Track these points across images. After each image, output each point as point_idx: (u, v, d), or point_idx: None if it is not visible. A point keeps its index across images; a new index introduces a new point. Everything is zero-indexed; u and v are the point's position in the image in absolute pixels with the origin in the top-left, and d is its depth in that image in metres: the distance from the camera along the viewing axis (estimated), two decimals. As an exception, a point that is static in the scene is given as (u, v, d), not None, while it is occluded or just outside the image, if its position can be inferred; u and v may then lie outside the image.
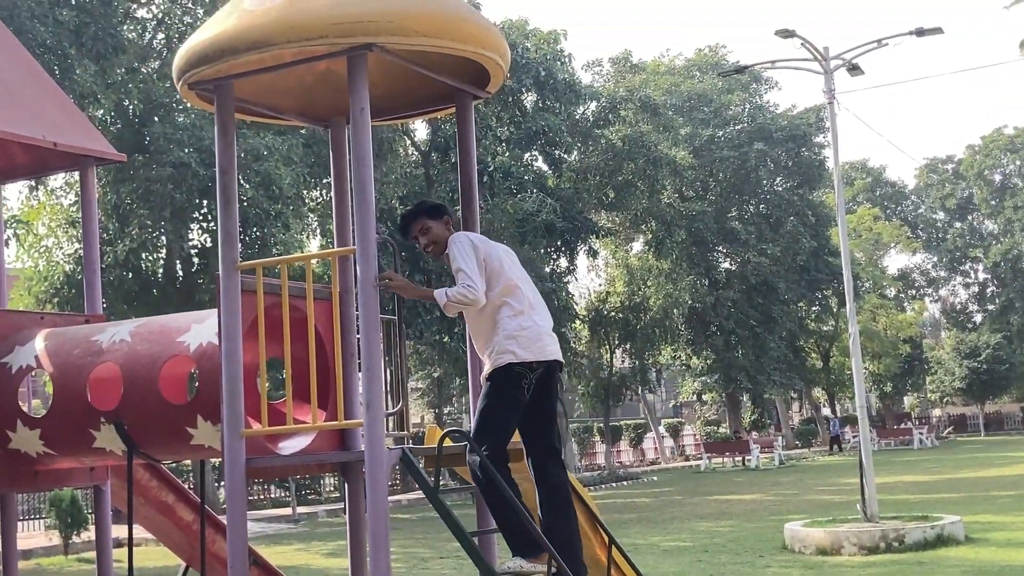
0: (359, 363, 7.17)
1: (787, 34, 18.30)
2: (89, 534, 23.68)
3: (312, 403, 6.48)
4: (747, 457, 45.18)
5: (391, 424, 7.61)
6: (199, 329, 6.85)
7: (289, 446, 6.99)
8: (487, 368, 6.46)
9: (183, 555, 9.28)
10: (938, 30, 18.46)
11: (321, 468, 6.57)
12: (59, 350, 7.21)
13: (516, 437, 7.50)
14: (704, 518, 23.84)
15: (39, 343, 7.30)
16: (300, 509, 31.41)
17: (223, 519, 9.29)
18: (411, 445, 6.87)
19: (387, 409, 6.52)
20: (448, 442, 6.68)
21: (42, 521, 25.90)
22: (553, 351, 6.50)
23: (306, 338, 6.68)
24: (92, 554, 22.86)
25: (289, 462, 6.64)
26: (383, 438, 6.11)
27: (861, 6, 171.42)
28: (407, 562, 18.78)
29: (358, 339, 7.08)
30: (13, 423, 7.21)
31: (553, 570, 6.14)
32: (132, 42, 27.85)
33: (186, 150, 26.40)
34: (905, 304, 75.86)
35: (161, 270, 30.42)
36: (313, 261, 7.81)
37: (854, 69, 18.77)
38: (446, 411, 50.59)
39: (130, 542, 7.29)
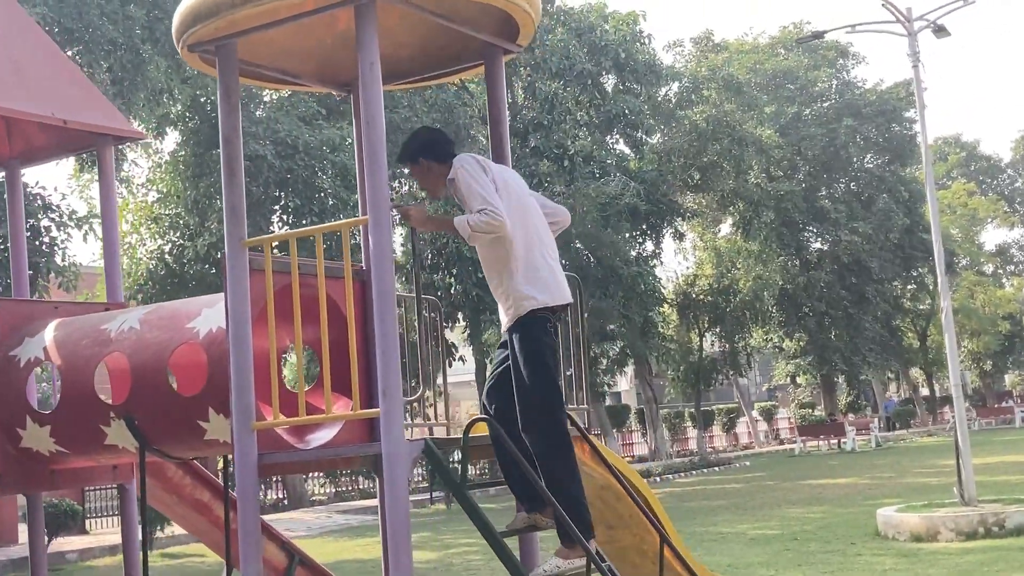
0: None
1: (868, -6, 17.31)
2: (172, 528, 23.47)
3: (326, 391, 5.83)
4: (842, 440, 43.86)
5: (421, 413, 6.96)
6: (209, 313, 6.24)
7: (318, 438, 6.37)
8: (508, 317, 5.83)
9: (223, 554, 8.72)
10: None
11: (347, 463, 5.89)
12: (67, 341, 6.66)
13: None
14: (795, 504, 22.87)
15: (48, 334, 6.76)
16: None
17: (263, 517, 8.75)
18: (439, 436, 6.21)
19: (408, 396, 5.84)
20: (482, 430, 6.02)
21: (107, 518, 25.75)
22: (568, 293, 6.02)
23: (337, 323, 6.06)
24: (174, 549, 22.77)
25: (306, 457, 5.99)
26: (401, 428, 5.43)
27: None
28: (485, 554, 18.15)
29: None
30: (23, 420, 6.69)
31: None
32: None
33: (261, 142, 26.02)
34: (1004, 280, 73.48)
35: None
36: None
37: (940, 31, 17.69)
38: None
39: (144, 542, 6.71)
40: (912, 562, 13.92)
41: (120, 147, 25.96)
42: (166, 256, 28.82)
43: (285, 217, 29.03)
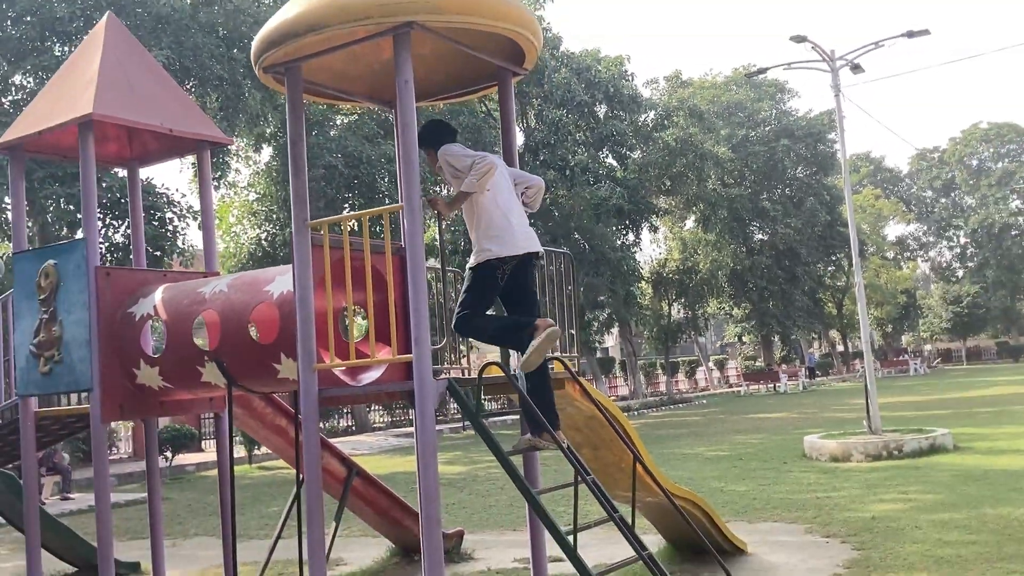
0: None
1: (799, 39, 16.90)
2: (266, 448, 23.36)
3: (371, 341, 5.58)
4: (777, 384, 43.48)
5: (449, 359, 6.73)
6: (281, 279, 6.01)
7: (368, 377, 6.14)
8: (472, 260, 5.62)
9: (282, 454, 8.52)
10: (925, 32, 16.88)
11: (390, 396, 5.66)
12: (171, 300, 6.44)
13: (559, 368, 6.58)
14: (740, 432, 22.60)
15: (158, 295, 6.54)
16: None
17: (332, 442, 8.53)
18: (466, 377, 5.97)
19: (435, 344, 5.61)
20: (495, 372, 5.79)
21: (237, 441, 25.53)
22: (526, 245, 5.60)
23: (382, 288, 5.82)
24: (270, 463, 22.62)
25: (356, 391, 5.75)
26: (429, 369, 5.20)
27: (865, 11, 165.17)
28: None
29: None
30: (137, 362, 6.48)
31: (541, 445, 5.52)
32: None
33: (334, 155, 25.77)
34: (902, 264, 72.93)
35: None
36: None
37: (856, 68, 17.27)
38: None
39: (231, 456, 6.49)
40: (830, 477, 13.66)
41: (226, 159, 25.74)
42: (262, 242, 28.65)
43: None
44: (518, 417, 5.99)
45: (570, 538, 5.08)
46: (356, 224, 7.83)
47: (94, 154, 6.57)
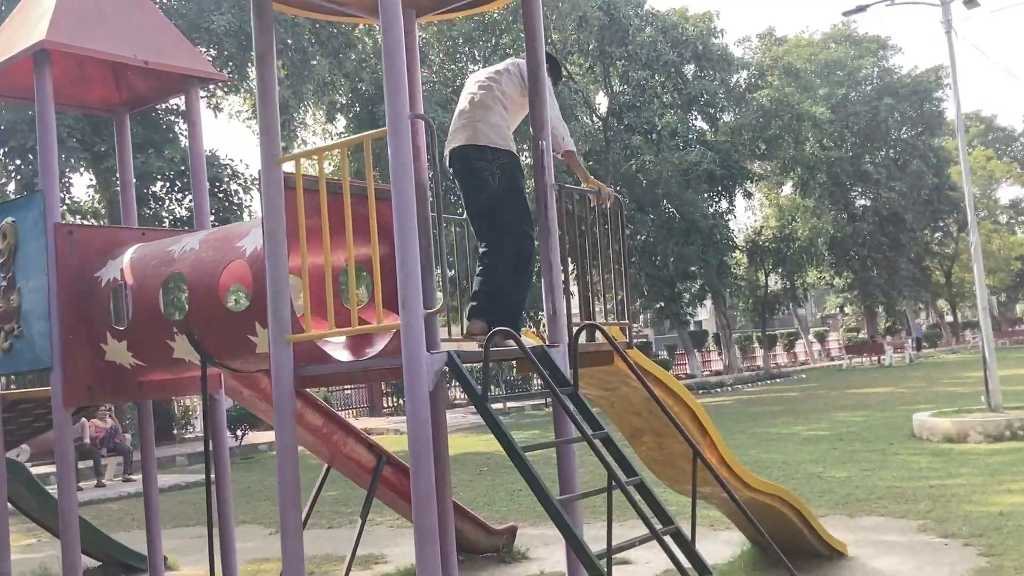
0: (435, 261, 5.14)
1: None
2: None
3: (377, 306, 4.44)
4: (882, 357, 41.15)
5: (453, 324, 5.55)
6: (257, 232, 4.88)
7: (375, 351, 5.00)
8: None
9: (322, 457, 7.48)
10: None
11: (384, 374, 4.49)
12: (140, 262, 5.39)
13: (604, 343, 5.34)
14: (842, 409, 20.91)
15: (127, 256, 5.51)
16: (512, 404, 29.75)
17: (353, 423, 7.46)
18: (470, 349, 4.78)
19: (431, 308, 4.41)
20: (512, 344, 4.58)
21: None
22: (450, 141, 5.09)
23: (384, 238, 4.68)
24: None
25: (339, 369, 4.60)
26: (421, 340, 4.02)
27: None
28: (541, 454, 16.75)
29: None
30: (104, 335, 5.47)
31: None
32: (359, 38, 26.31)
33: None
34: (1016, 228, 68.79)
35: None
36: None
37: (970, 1, 15.39)
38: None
39: (206, 450, 5.44)
40: (945, 461, 12.08)
41: (297, 130, 24.93)
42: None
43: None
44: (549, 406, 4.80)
45: (602, 562, 3.85)
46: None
47: (51, 91, 5.55)
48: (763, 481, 6.69)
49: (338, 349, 5.03)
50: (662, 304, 38.76)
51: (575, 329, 4.86)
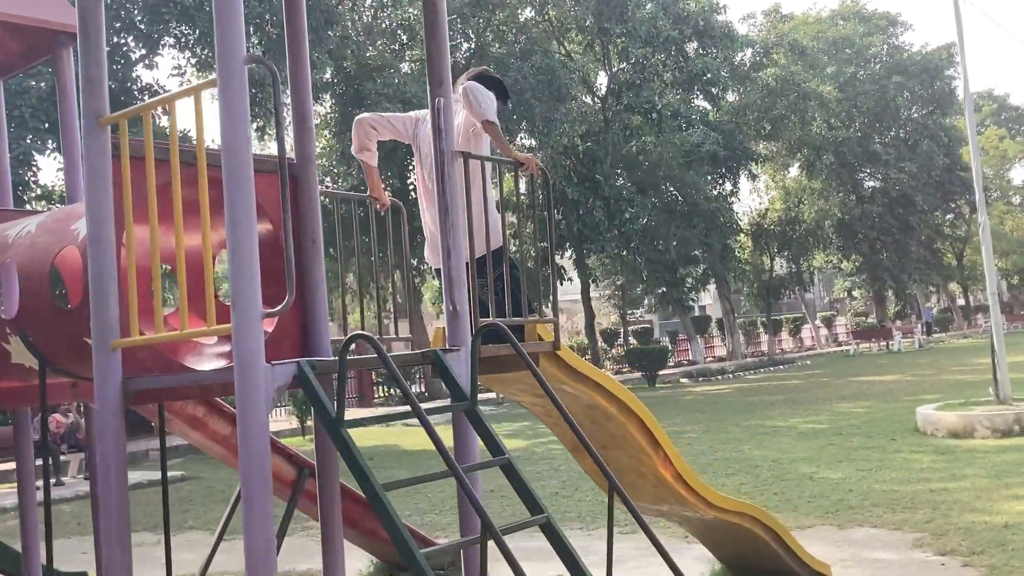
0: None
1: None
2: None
3: (206, 303, 3.57)
4: (890, 342, 40.17)
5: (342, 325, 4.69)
6: (95, 212, 4.02)
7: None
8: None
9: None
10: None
11: (226, 388, 3.63)
12: (-26, 249, 4.55)
13: (538, 341, 4.48)
14: (844, 399, 20.00)
15: (-38, 242, 4.66)
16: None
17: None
18: (316, 359, 3.92)
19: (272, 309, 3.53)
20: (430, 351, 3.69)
21: (285, 408, 24.22)
22: None
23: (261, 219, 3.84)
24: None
25: (174, 383, 3.73)
26: (257, 349, 3.17)
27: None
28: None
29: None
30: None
31: None
32: (341, 15, 25.35)
33: (394, 104, 23.85)
34: (1030, 209, 67.50)
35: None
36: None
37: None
38: (630, 312, 47.08)
39: (45, 465, 4.60)
40: (949, 460, 11.20)
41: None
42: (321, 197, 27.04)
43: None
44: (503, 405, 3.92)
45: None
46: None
47: None
48: (727, 498, 5.83)
49: (212, 358, 4.19)
50: (664, 289, 37.84)
51: (475, 330, 3.99)
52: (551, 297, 4.53)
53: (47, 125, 18.44)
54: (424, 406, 3.41)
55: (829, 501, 9.23)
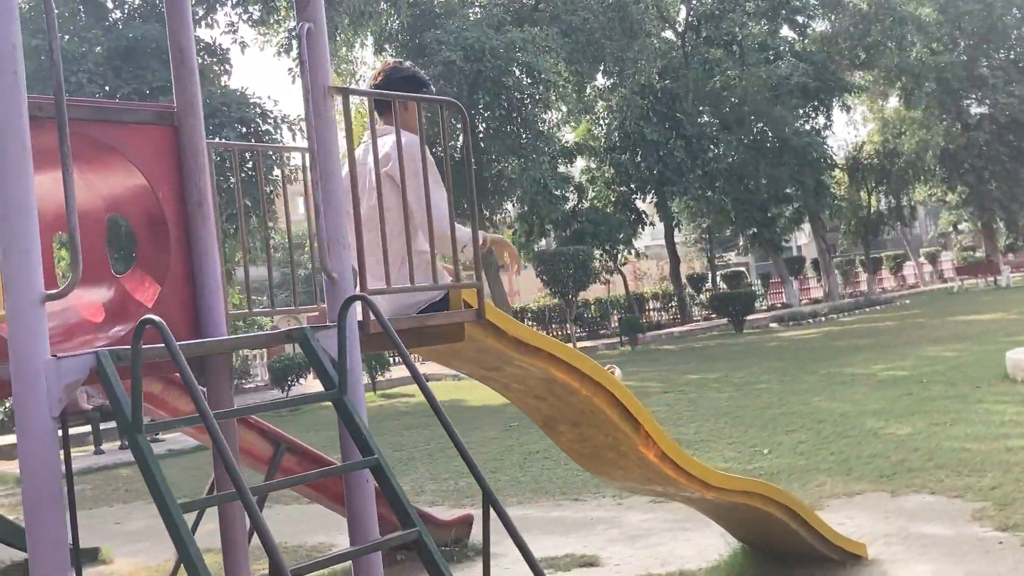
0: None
1: None
2: (391, 373, 21.68)
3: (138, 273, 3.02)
4: (997, 277, 37.93)
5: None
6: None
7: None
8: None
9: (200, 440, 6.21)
10: None
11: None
12: None
13: (457, 314, 3.83)
14: (936, 342, 18.69)
15: None
16: (584, 344, 28.28)
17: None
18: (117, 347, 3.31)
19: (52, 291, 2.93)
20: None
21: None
22: None
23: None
24: (394, 390, 20.89)
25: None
26: (37, 338, 2.60)
27: None
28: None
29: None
30: None
31: None
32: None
33: (453, 50, 23.12)
34: None
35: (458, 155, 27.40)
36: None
37: None
38: (720, 256, 45.60)
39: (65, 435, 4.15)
40: (1035, 412, 10.10)
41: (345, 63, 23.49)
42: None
43: (485, 113, 26.01)
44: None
45: None
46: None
47: None
48: (728, 477, 5.08)
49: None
50: (755, 230, 36.41)
51: (344, 303, 3.33)
52: (476, 259, 3.83)
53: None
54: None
55: (889, 462, 8.34)
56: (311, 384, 22.29)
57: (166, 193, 3.71)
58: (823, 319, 30.04)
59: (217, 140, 3.67)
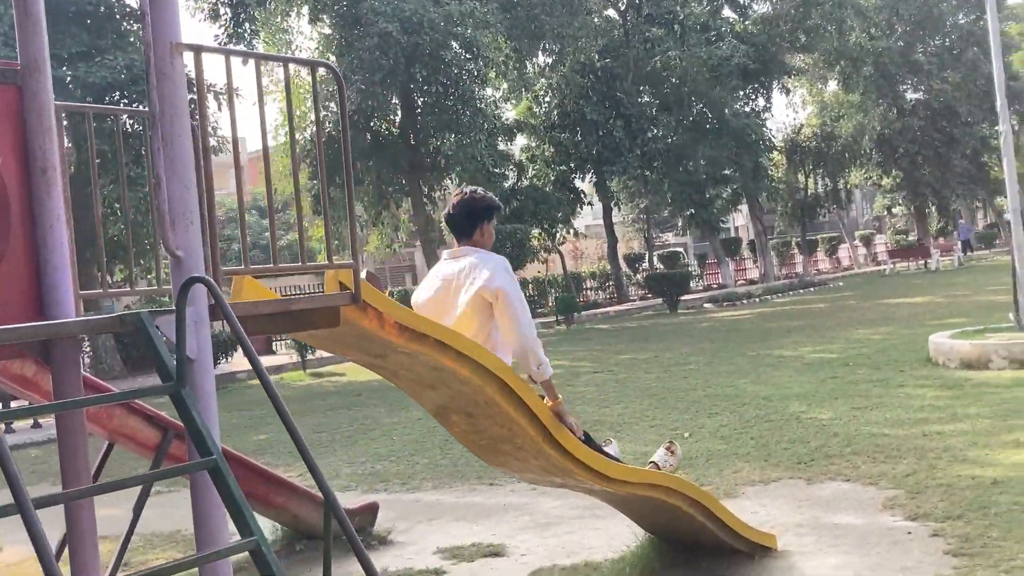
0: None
1: None
2: (322, 353, 21.30)
3: None
4: (928, 261, 38.55)
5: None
6: None
7: None
8: None
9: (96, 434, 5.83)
10: None
11: None
12: None
13: (332, 294, 3.53)
14: (864, 324, 18.82)
15: None
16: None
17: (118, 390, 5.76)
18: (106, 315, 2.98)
19: None
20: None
21: (284, 343, 23.69)
22: None
23: None
24: (324, 368, 20.51)
25: None
26: None
27: None
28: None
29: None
30: None
31: None
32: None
33: (390, 21, 22.61)
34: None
35: (396, 130, 26.96)
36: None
37: None
38: (659, 237, 45.75)
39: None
40: (954, 396, 10.10)
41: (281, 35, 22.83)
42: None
43: (423, 87, 25.55)
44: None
45: None
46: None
47: None
48: (631, 469, 4.88)
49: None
50: (692, 211, 36.49)
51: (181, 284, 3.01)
52: (352, 239, 3.54)
53: None
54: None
55: (807, 448, 8.24)
56: (238, 362, 21.81)
57: (7, 159, 3.37)
58: (757, 300, 30.21)
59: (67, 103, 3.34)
